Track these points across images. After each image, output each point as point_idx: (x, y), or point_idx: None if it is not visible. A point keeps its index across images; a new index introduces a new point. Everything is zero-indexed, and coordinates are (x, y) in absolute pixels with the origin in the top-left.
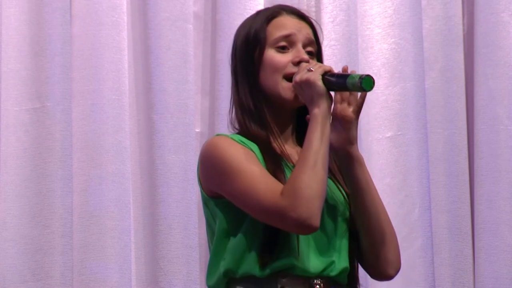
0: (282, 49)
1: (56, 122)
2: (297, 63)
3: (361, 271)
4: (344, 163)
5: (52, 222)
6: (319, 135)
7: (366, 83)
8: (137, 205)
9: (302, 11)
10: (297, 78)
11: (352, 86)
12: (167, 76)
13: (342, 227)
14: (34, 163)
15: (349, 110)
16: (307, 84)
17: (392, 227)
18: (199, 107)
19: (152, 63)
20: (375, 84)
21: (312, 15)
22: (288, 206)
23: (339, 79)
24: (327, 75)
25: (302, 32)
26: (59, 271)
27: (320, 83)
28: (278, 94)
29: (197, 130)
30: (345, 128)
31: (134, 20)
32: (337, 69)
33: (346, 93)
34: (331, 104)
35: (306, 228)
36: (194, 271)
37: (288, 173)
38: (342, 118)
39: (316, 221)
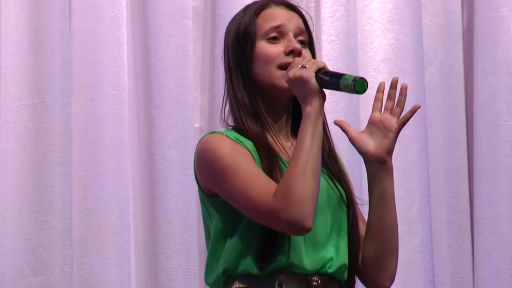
0: (274, 40)
1: (56, 117)
2: (289, 53)
3: None
4: (375, 171)
5: (51, 218)
6: (311, 134)
7: (359, 85)
8: (136, 200)
9: (291, 1)
10: (290, 74)
11: (345, 87)
12: (167, 72)
13: (340, 224)
14: (33, 159)
15: (394, 120)
16: (300, 82)
17: (398, 241)
18: (198, 102)
19: (152, 58)
20: (368, 85)
21: (311, 10)
22: (280, 207)
23: (333, 79)
24: (321, 72)
25: (292, 22)
26: (58, 267)
27: (313, 80)
28: (272, 84)
29: (196, 126)
30: (385, 137)
31: (133, 16)
32: (336, 65)
33: (390, 103)
34: (324, 102)
35: (299, 229)
36: (193, 266)
37: (283, 168)
38: (384, 127)
39: (308, 222)
